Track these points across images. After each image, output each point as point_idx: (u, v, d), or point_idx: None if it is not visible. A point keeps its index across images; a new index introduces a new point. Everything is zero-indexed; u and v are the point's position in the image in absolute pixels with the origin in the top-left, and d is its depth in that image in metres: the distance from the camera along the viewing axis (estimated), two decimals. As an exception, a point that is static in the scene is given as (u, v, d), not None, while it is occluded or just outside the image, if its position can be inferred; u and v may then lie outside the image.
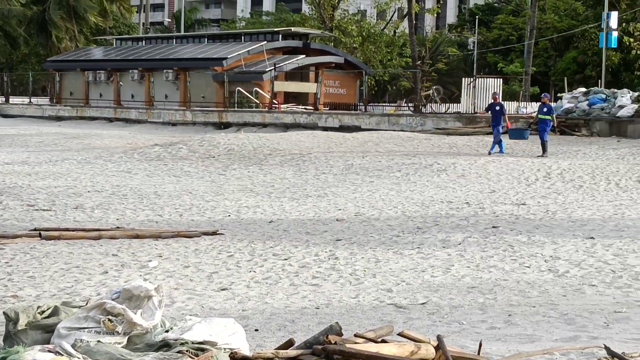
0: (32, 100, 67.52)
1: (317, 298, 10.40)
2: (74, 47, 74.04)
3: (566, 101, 39.51)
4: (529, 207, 18.51)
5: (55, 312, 7.14)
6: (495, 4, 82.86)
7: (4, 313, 7.06)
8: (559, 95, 46.64)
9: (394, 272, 11.94)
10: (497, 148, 29.75)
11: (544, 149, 28.93)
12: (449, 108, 47.31)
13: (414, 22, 57.92)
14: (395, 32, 76.52)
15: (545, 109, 29.98)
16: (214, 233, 15.22)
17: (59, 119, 57.32)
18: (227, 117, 48.28)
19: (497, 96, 32.23)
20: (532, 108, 45.73)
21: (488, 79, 45.62)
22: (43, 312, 7.11)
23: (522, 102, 48.66)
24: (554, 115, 30.49)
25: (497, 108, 30.77)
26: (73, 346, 6.50)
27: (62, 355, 6.30)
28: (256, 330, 8.75)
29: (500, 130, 30.22)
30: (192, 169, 26.82)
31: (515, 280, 11.43)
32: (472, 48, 77.32)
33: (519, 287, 11.02)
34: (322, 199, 20.26)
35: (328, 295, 10.54)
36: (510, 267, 12.32)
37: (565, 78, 52.23)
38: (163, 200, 19.59)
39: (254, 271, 11.99)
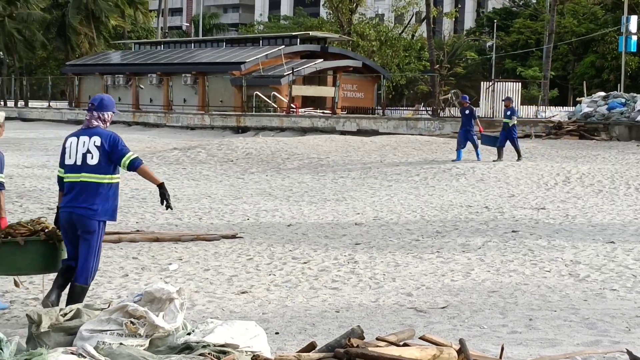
0: (51, 104, 67.81)
1: (337, 301, 10.40)
2: (92, 51, 74.32)
3: (585, 105, 39.39)
4: (549, 212, 18.45)
5: (77, 314, 7.17)
6: (514, 9, 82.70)
7: (27, 315, 7.09)
8: (577, 99, 46.49)
9: (413, 276, 11.93)
10: (460, 155, 28.49)
11: (519, 153, 28.34)
12: (467, 112, 47.17)
13: (432, 25, 57.87)
14: (413, 36, 76.53)
15: (508, 112, 28.92)
16: (234, 236, 15.23)
17: (78, 122, 57.38)
18: (245, 121, 48.33)
19: (465, 100, 30.31)
20: (550, 112, 45.64)
21: (507, 83, 45.49)
22: (65, 314, 7.15)
23: (541, 107, 48.51)
24: (514, 118, 28.93)
25: (467, 112, 29.10)
26: (95, 348, 6.53)
27: (85, 357, 6.33)
28: (277, 333, 8.75)
29: (474, 134, 28.70)
30: (211, 173, 26.87)
31: (536, 284, 11.39)
32: (490, 52, 77.20)
33: (539, 291, 10.99)
34: (341, 202, 20.25)
35: (348, 299, 10.54)
36: (531, 271, 12.28)
37: (584, 82, 52.13)
38: (182, 204, 19.62)
39: (274, 274, 12.00)
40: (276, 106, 51.53)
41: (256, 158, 30.07)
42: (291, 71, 51.56)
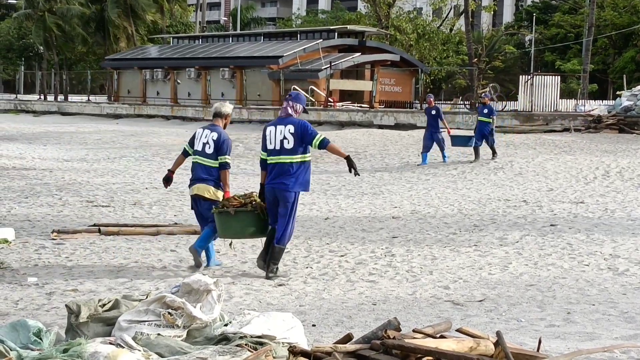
0: (90, 98, 68.28)
1: (373, 294, 10.40)
2: (131, 45, 74.74)
3: (625, 99, 39.02)
4: (588, 206, 18.32)
5: (116, 305, 7.23)
6: (553, 2, 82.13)
7: (67, 306, 7.16)
8: (617, 93, 46.09)
9: (450, 270, 11.90)
10: (425, 159, 27.02)
11: (476, 155, 26.91)
12: (505, 106, 46.98)
13: (471, 19, 57.58)
14: (451, 29, 76.22)
15: (485, 110, 27.26)
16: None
17: (116, 116, 57.88)
18: (283, 115, 48.37)
19: (431, 99, 28.37)
20: (590, 106, 45.27)
21: (546, 76, 45.16)
22: (104, 305, 7.20)
23: (580, 100, 48.15)
24: (495, 117, 27.59)
25: (433, 112, 27.21)
26: (134, 339, 6.58)
27: (124, 347, 6.38)
28: (313, 325, 8.77)
29: (440, 137, 27.00)
30: (248, 167, 26.94)
31: (574, 278, 11.33)
32: (528, 46, 76.74)
33: (577, 285, 10.92)
34: (378, 196, 20.24)
35: (385, 292, 10.53)
36: (569, 265, 12.21)
37: (625, 76, 51.64)
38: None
39: (311, 267, 12.02)
40: (314, 100, 51.51)
41: (293, 152, 30.09)
42: (329, 65, 51.50)
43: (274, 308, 9.42)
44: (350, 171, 11.07)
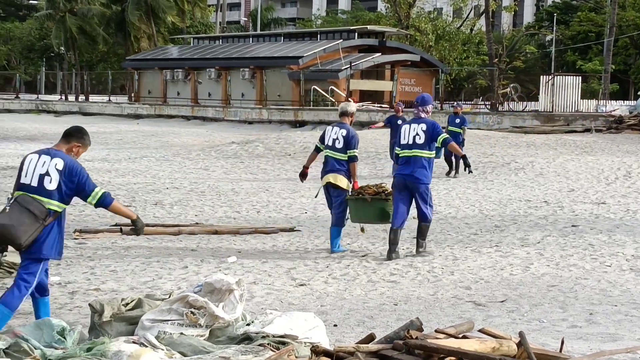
0: (111, 98, 68.53)
1: (395, 294, 10.40)
2: (151, 46, 74.94)
3: (647, 99, 38.85)
4: (609, 206, 18.25)
5: (138, 304, 7.27)
6: (574, 2, 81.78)
7: (90, 305, 7.20)
8: (639, 93, 45.85)
9: (472, 270, 11.88)
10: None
11: (451, 167, 24.64)
12: (526, 106, 46.84)
13: (491, 19, 57.42)
14: (471, 30, 76.04)
15: (457, 120, 25.32)
16: (292, 230, 15.30)
17: (137, 117, 58.05)
18: (303, 116, 48.41)
19: (399, 107, 25.89)
20: (611, 106, 45.07)
21: (567, 77, 45.00)
22: (127, 304, 7.24)
23: (602, 101, 47.94)
24: (466, 128, 25.69)
25: (399, 122, 24.14)
26: (157, 338, 6.61)
27: (147, 346, 6.41)
28: (335, 325, 8.77)
29: None
30: (269, 167, 26.98)
31: (596, 279, 11.29)
32: (549, 46, 76.47)
33: (600, 285, 10.88)
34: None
35: (406, 292, 10.53)
36: (591, 266, 12.17)
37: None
38: (240, 197, 19.74)
39: (332, 267, 12.03)
40: (334, 100, 51.50)
41: (314, 152, 30.10)
42: (349, 65, 51.48)
43: (296, 308, 9.43)
44: (465, 169, 13.04)
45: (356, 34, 58.53)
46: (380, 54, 55.96)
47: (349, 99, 49.64)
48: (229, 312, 7.10)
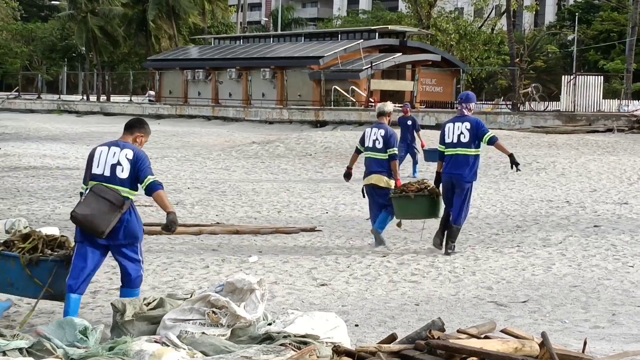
0: (132, 98, 68.70)
1: (416, 295, 10.38)
2: (172, 46, 75.12)
3: (669, 99, 38.63)
4: (632, 207, 18.14)
5: (160, 304, 7.28)
6: (595, 1, 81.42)
7: (112, 304, 7.22)
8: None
9: (493, 270, 11.85)
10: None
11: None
12: (548, 106, 46.65)
13: (512, 19, 57.24)
14: (493, 29, 75.84)
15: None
16: (312, 230, 15.29)
17: (158, 117, 58.14)
18: (324, 116, 48.39)
19: (407, 108, 25.92)
20: (633, 106, 44.82)
21: (588, 76, 44.78)
22: (149, 303, 7.27)
23: (624, 100, 47.70)
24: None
25: (409, 123, 24.87)
26: (178, 337, 6.62)
27: (169, 346, 6.42)
28: (356, 325, 8.77)
29: (415, 150, 24.80)
30: (289, 167, 26.98)
31: (619, 279, 11.23)
32: (571, 45, 76.16)
33: (622, 286, 10.83)
34: (420, 196, 20.16)
35: (427, 292, 10.51)
36: (613, 266, 12.11)
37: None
38: (261, 197, 19.75)
39: (353, 267, 12.02)
40: (355, 100, 51.46)
41: (335, 152, 30.11)
42: (370, 65, 51.41)
43: (317, 308, 9.43)
44: (512, 167, 13.10)
45: (377, 33, 58.45)
46: (401, 53, 55.87)
47: (370, 99, 49.65)
48: (250, 312, 7.10)
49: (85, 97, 75.64)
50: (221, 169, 26.49)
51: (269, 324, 7.05)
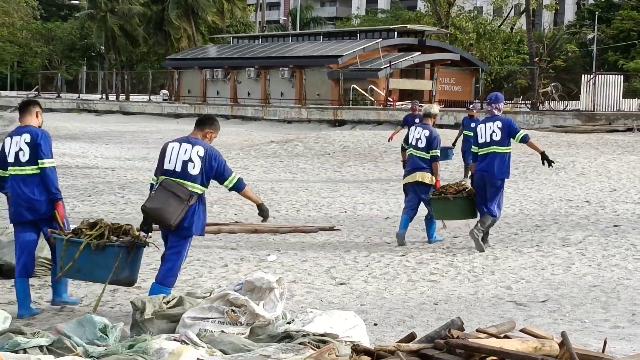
0: (151, 97, 68.87)
1: (435, 294, 10.37)
2: (191, 45, 75.25)
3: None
4: (652, 206, 18.06)
5: (180, 302, 7.30)
6: (616, 0, 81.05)
7: (132, 302, 7.25)
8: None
9: (513, 270, 11.82)
10: None
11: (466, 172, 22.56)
12: (567, 105, 46.50)
13: (532, 18, 57.04)
14: (512, 28, 75.63)
15: (472, 124, 22.31)
16: (331, 229, 15.29)
17: (177, 116, 58.28)
18: (342, 115, 48.37)
19: (416, 106, 24.56)
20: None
21: (608, 75, 44.60)
22: (168, 302, 7.28)
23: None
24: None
25: (417, 121, 24.76)
26: (198, 335, 6.63)
27: (188, 344, 6.43)
28: (375, 324, 8.77)
29: None
30: (308, 166, 26.98)
31: (639, 279, 11.18)
32: (590, 45, 75.85)
33: (642, 286, 10.78)
34: (439, 196, 20.12)
35: (446, 291, 10.49)
36: (633, 266, 12.05)
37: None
38: (280, 196, 19.76)
39: (371, 266, 12.01)
40: (373, 99, 51.44)
41: (353, 151, 30.09)
42: (388, 64, 51.38)
43: (336, 307, 9.42)
44: (543, 163, 13.78)
45: (396, 33, 58.39)
46: (419, 53, 55.81)
47: (389, 97, 49.62)
48: (269, 311, 7.11)
49: (104, 96, 75.89)
50: (240, 168, 26.50)
51: (288, 323, 7.06)
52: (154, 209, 8.61)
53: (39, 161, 9.10)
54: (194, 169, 8.74)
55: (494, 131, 13.24)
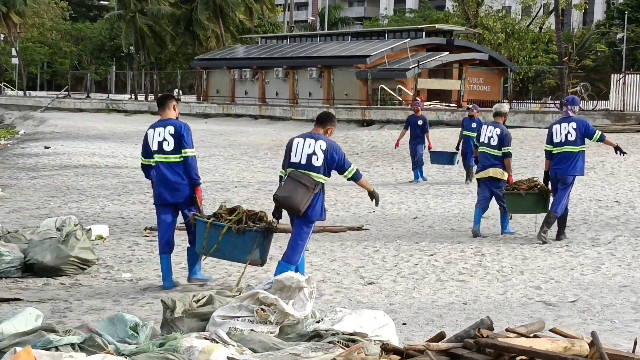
0: (180, 97, 69.11)
1: (464, 294, 10.35)
2: (220, 45, 75.45)
3: None
4: (682, 206, 17.93)
5: (210, 301, 7.33)
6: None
7: (162, 301, 7.29)
8: None
9: (542, 270, 11.78)
10: (419, 174, 23.64)
11: (468, 175, 22.83)
12: (596, 105, 46.23)
13: (561, 18, 56.77)
14: (540, 28, 75.32)
15: (473, 124, 22.75)
16: (360, 228, 15.30)
17: (205, 116, 58.45)
18: (370, 115, 48.32)
19: (418, 106, 24.09)
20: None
21: (638, 75, 44.27)
22: (198, 300, 7.31)
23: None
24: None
25: (420, 122, 23.51)
26: (228, 334, 6.66)
27: (218, 342, 6.46)
28: (404, 324, 8.77)
29: (421, 152, 23.37)
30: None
31: (669, 280, 11.12)
32: (620, 44, 75.40)
33: (673, 287, 10.72)
34: (467, 195, 20.11)
35: (475, 291, 10.48)
36: (664, 266, 11.99)
37: None
38: (308, 196, 19.75)
39: (400, 266, 12.02)
40: (401, 99, 51.37)
41: (381, 151, 30.09)
42: (417, 64, 51.27)
43: (364, 306, 9.44)
44: (616, 152, 14.74)
45: (424, 32, 58.29)
46: (448, 52, 55.67)
47: (417, 97, 49.52)
48: (298, 310, 7.13)
49: (133, 97, 76.27)
50: (268, 168, 26.58)
51: (317, 322, 7.07)
52: (284, 197, 9.75)
53: (183, 150, 10.51)
54: (317, 161, 9.80)
55: (569, 132, 13.89)
